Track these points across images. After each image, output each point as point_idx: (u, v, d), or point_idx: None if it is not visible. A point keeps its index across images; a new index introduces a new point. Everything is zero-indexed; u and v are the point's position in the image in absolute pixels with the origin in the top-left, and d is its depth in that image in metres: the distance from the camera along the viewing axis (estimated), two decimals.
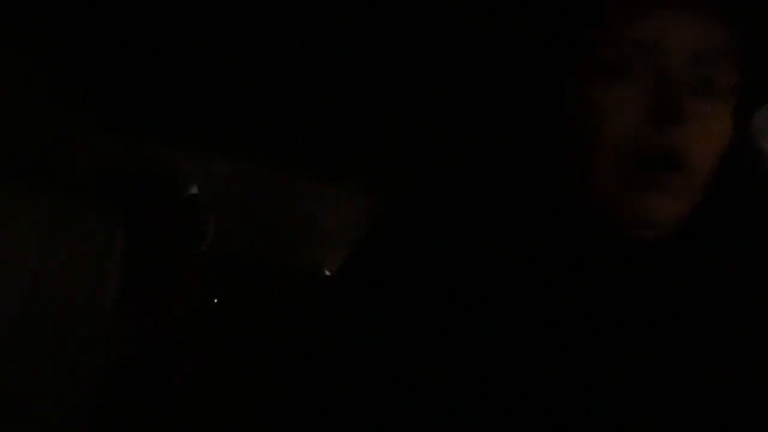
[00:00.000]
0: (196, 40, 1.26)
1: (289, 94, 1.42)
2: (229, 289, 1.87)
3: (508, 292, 0.57)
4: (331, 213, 2.16)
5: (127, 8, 1.16)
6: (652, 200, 0.55)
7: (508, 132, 0.62)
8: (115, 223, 1.02)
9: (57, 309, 0.89)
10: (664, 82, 0.54)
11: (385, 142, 1.51)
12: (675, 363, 0.56)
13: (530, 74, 0.60)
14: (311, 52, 1.24)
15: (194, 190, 1.26)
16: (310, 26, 1.15)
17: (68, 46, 1.15)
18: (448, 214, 0.61)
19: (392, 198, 0.67)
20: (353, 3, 1.08)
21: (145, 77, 1.35)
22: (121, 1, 1.14)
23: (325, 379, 0.59)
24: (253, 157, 1.77)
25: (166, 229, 1.22)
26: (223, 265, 1.75)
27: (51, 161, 1.01)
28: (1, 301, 0.86)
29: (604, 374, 0.55)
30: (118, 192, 1.18)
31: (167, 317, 1.23)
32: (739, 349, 0.57)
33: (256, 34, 1.21)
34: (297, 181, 1.95)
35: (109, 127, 1.33)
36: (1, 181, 0.93)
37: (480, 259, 0.58)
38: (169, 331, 1.23)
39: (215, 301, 1.63)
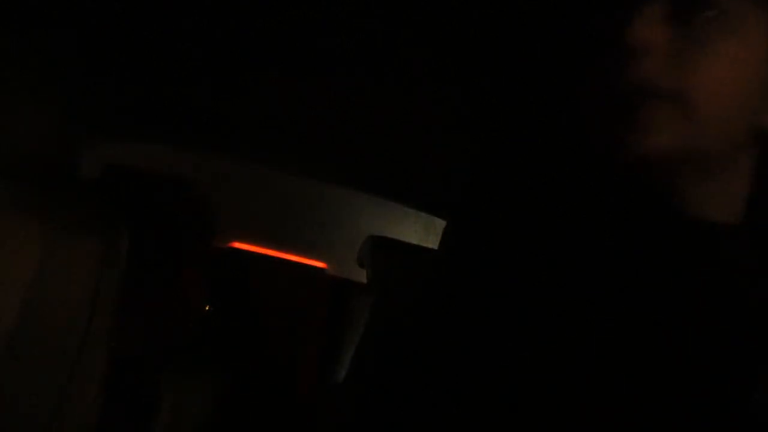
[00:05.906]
0: (204, 38, 1.24)
1: (296, 94, 1.41)
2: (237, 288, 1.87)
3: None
4: (334, 212, 2.16)
5: (127, 7, 1.15)
6: None
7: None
8: (118, 223, 1.01)
9: (58, 310, 0.88)
10: None
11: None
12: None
13: None
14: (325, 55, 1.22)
15: (200, 189, 1.25)
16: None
17: (72, 46, 1.15)
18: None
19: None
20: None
21: (149, 76, 1.34)
22: (119, 2, 1.13)
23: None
24: (260, 156, 1.76)
25: (170, 229, 1.21)
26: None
27: (53, 161, 1.00)
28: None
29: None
30: (121, 191, 1.18)
31: (170, 317, 1.22)
32: None
33: (270, 34, 1.19)
34: (303, 182, 1.94)
35: (114, 126, 1.32)
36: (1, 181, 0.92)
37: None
38: (171, 332, 1.22)
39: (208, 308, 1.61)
